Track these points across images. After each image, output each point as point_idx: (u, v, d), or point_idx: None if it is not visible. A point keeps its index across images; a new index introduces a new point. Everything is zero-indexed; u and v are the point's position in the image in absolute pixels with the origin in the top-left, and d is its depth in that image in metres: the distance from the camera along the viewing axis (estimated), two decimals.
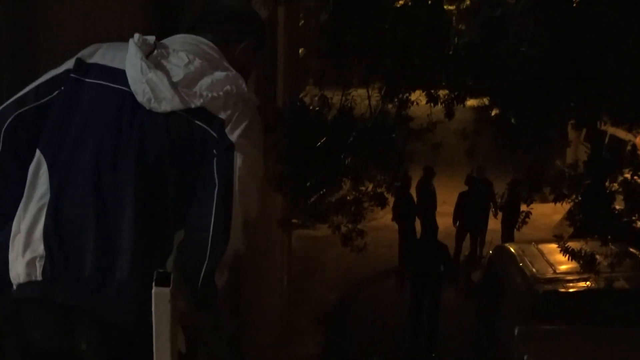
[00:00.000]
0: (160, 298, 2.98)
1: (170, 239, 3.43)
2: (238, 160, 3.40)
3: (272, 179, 12.68)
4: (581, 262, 11.41)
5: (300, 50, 18.23)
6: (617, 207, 11.25)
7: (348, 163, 12.62)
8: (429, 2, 11.75)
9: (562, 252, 11.67)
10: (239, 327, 13.06)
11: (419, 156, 13.89)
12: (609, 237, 11.19)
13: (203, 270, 3.42)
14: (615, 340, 9.63)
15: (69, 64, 3.52)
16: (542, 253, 13.13)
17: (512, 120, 11.36)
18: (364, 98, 12.77)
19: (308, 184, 12.65)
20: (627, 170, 11.16)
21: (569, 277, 12.22)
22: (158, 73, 3.33)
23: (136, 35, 3.42)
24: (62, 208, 3.39)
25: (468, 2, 12.06)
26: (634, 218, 11.09)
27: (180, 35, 3.62)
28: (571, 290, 12.04)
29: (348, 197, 12.90)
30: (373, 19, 11.65)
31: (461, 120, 12.04)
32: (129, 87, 3.36)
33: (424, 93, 11.95)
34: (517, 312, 11.59)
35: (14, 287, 3.45)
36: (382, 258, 20.27)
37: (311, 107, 13.27)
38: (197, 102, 3.32)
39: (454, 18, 12.65)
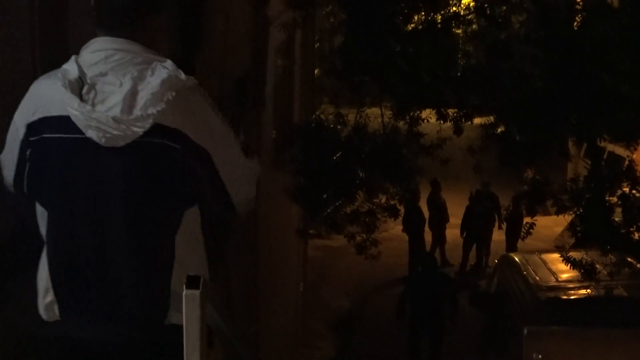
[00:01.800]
0: (190, 300, 2.99)
1: (172, 243, 3.38)
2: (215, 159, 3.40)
3: (290, 191, 12.71)
4: (582, 270, 11.40)
5: (315, 70, 18.24)
6: (616, 219, 11.24)
7: (362, 176, 12.62)
8: (438, 25, 11.76)
9: (563, 262, 11.66)
10: (258, 331, 13.07)
11: (429, 171, 13.91)
12: (608, 247, 11.16)
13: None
14: (615, 341, 9.65)
15: (20, 129, 3.40)
16: (544, 262, 13.14)
17: (517, 137, 11.35)
18: (376, 116, 12.78)
19: (324, 196, 12.65)
20: (625, 184, 11.14)
21: (570, 285, 12.23)
22: (101, 116, 3.19)
23: (60, 77, 3.27)
24: (60, 258, 3.39)
25: (475, 26, 12.04)
26: (631, 229, 11.06)
27: (95, 44, 3.38)
28: (572, 297, 12.04)
29: (362, 209, 12.90)
30: (385, 41, 11.66)
31: (468, 137, 12.04)
32: (82, 132, 3.23)
33: (433, 111, 11.95)
34: (522, 317, 11.60)
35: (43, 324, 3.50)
36: (393, 267, 20.26)
37: (326, 124, 13.29)
38: (147, 125, 3.21)
39: (461, 41, 12.64)
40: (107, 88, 3.26)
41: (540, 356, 9.44)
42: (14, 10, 5.49)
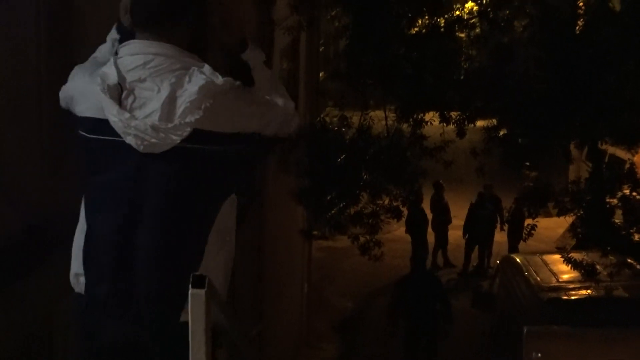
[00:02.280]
0: (196, 299, 2.99)
1: (205, 239, 3.36)
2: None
3: (295, 193, 12.72)
4: (582, 271, 11.42)
5: (320, 73, 18.25)
6: (617, 221, 11.24)
7: (366, 178, 12.64)
8: (442, 29, 11.77)
9: (564, 263, 11.68)
10: (262, 331, 13.08)
11: (432, 173, 13.91)
12: (609, 248, 11.18)
13: None
14: (614, 340, 9.65)
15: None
16: (546, 263, 13.13)
17: (519, 139, 11.35)
18: (380, 118, 12.79)
19: (328, 198, 12.67)
20: (625, 186, 11.15)
21: (571, 286, 12.22)
22: (139, 124, 3.18)
23: (100, 81, 3.24)
24: (94, 241, 3.41)
25: (478, 30, 12.05)
26: (632, 231, 11.08)
27: (133, 47, 3.35)
28: (573, 297, 12.04)
29: (365, 210, 12.91)
30: (389, 44, 11.67)
31: (471, 140, 12.04)
32: (119, 135, 3.22)
33: (436, 114, 11.95)
34: (523, 317, 11.59)
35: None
36: (396, 268, 20.24)
37: (331, 127, 13.30)
38: (185, 133, 3.20)
39: (464, 44, 12.64)
40: (145, 94, 3.24)
41: (539, 355, 9.44)
42: (20, 12, 5.48)
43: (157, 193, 3.29)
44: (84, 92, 3.35)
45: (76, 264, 3.50)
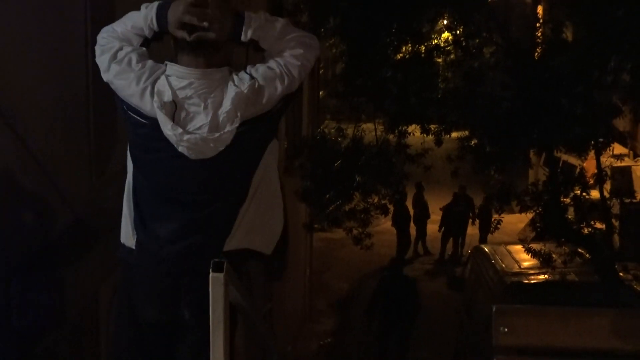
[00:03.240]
0: (216, 282, 2.99)
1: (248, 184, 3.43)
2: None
3: (299, 192, 12.71)
4: (541, 259, 11.41)
5: (320, 92, 18.25)
6: (569, 217, 11.24)
7: (358, 180, 12.63)
8: (422, 55, 11.77)
9: (525, 252, 11.69)
10: (271, 309, 13.07)
11: (414, 176, 13.91)
12: (563, 240, 11.17)
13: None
14: (568, 317, 9.66)
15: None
16: (510, 252, 13.11)
17: (487, 148, 11.35)
18: (371, 130, 12.79)
19: (327, 197, 12.66)
20: (577, 188, 11.14)
21: (531, 272, 12.21)
22: (191, 138, 3.20)
23: (156, 99, 3.22)
24: (143, 203, 3.45)
25: (453, 56, 12.04)
26: (582, 225, 11.07)
27: (180, 71, 3.28)
28: (533, 281, 12.04)
29: (358, 207, 12.90)
30: (379, 68, 11.67)
31: (447, 148, 12.04)
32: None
33: (418, 126, 11.95)
34: (491, 298, 11.59)
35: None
36: (384, 256, 20.19)
37: (329, 137, 13.30)
38: (228, 140, 3.23)
39: (441, 68, 12.63)
40: (193, 109, 3.24)
41: (506, 329, 9.42)
42: (69, 17, 5.42)
43: (207, 165, 3.29)
44: (139, 98, 3.30)
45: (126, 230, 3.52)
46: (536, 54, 11.04)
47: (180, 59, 3.33)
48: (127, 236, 3.52)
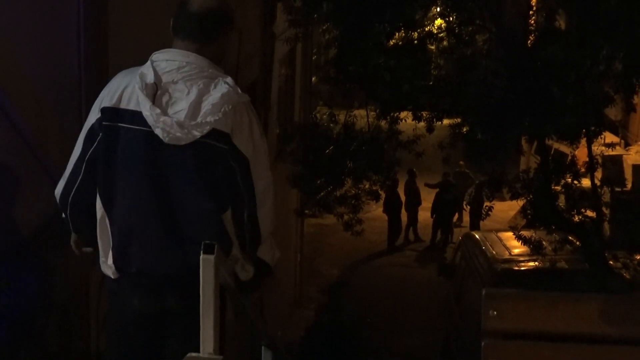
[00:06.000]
0: (206, 264, 3.03)
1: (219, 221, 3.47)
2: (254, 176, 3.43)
3: (290, 178, 12.73)
4: (531, 246, 11.45)
5: (313, 78, 18.24)
6: (560, 204, 11.27)
7: (350, 166, 12.64)
8: (415, 42, 11.76)
9: (516, 239, 11.71)
10: (262, 295, 13.09)
11: (406, 162, 13.93)
12: (553, 227, 11.20)
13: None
14: (556, 302, 9.71)
15: (96, 113, 3.42)
16: (500, 239, 13.15)
17: (479, 136, 11.36)
18: (363, 116, 12.80)
19: (318, 182, 12.67)
20: (568, 176, 11.17)
21: (521, 258, 12.26)
22: (167, 120, 3.24)
23: (138, 80, 3.29)
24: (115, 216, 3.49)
25: (446, 43, 12.03)
26: (572, 213, 11.09)
27: (170, 54, 3.39)
28: (523, 268, 12.09)
29: (349, 193, 12.92)
30: (371, 54, 11.66)
31: (439, 135, 12.05)
32: (150, 127, 3.29)
33: (410, 113, 11.95)
34: (481, 284, 11.62)
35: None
36: (375, 243, 20.30)
37: (321, 123, 13.31)
38: (205, 130, 3.26)
39: (434, 55, 12.62)
40: (176, 94, 3.29)
41: (495, 312, 9.46)
42: (62, 25, 5.45)
43: (177, 173, 3.36)
44: (124, 88, 3.38)
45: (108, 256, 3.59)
46: (529, 42, 11.04)
47: (175, 44, 3.39)
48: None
